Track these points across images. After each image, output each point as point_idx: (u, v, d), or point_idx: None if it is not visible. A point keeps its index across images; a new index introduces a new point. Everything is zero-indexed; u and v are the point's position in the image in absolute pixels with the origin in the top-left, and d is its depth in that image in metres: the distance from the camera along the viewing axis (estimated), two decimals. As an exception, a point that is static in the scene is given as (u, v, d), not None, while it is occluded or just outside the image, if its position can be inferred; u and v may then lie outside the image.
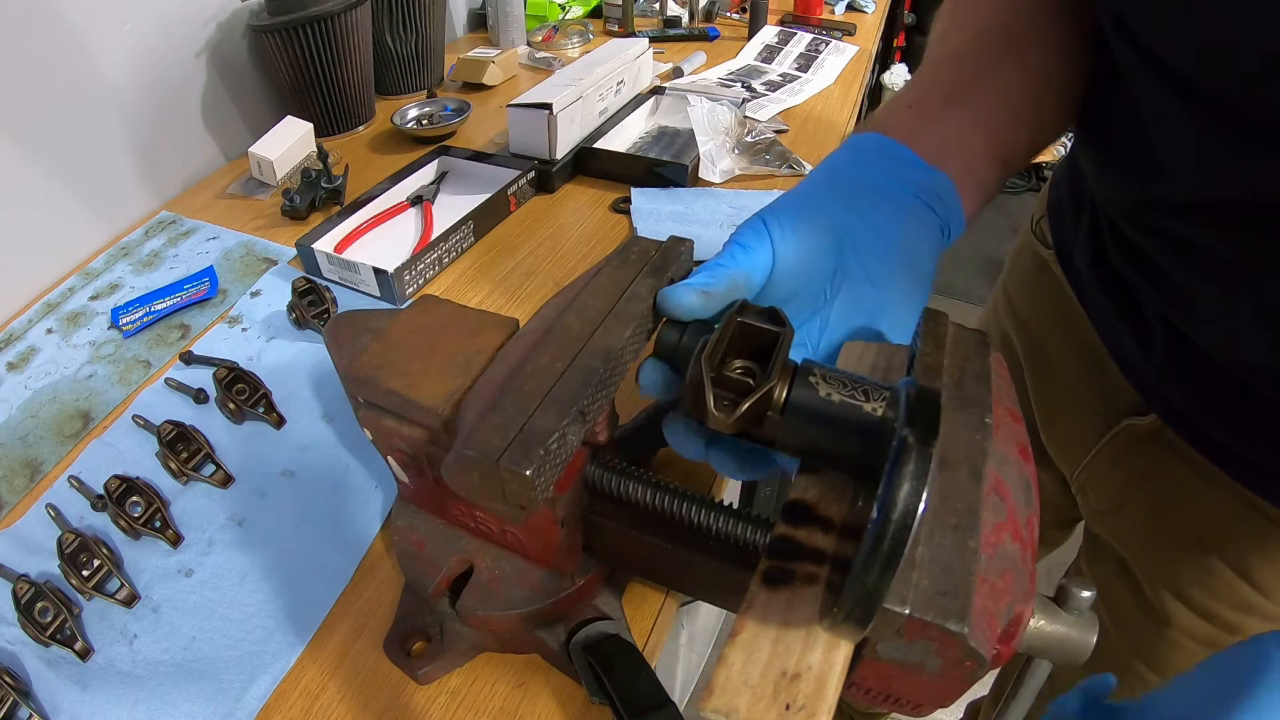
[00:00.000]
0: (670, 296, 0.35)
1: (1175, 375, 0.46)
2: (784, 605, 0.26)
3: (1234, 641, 0.49)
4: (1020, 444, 0.30)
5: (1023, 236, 0.64)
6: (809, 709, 0.24)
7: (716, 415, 0.30)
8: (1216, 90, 0.33)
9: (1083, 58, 0.43)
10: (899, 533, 0.22)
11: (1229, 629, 0.50)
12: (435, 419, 0.36)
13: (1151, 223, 0.42)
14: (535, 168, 0.85)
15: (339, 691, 0.42)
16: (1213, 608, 0.50)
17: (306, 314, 0.66)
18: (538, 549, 0.40)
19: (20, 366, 0.66)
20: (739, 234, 0.36)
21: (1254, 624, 0.49)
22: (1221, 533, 0.48)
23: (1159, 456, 0.50)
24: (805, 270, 0.36)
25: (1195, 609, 0.51)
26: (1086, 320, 0.54)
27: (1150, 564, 0.54)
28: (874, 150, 0.39)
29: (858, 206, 0.37)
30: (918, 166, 0.38)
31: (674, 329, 0.35)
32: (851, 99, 1.09)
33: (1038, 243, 0.61)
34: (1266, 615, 0.49)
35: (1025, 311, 0.63)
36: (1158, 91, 0.36)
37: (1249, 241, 0.36)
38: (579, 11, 1.41)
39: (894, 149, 0.38)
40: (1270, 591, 0.47)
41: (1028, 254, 0.63)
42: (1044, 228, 0.60)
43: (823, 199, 0.37)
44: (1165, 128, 0.37)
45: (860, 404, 0.29)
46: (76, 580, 0.47)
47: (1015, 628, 0.26)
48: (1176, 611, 0.52)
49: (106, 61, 0.79)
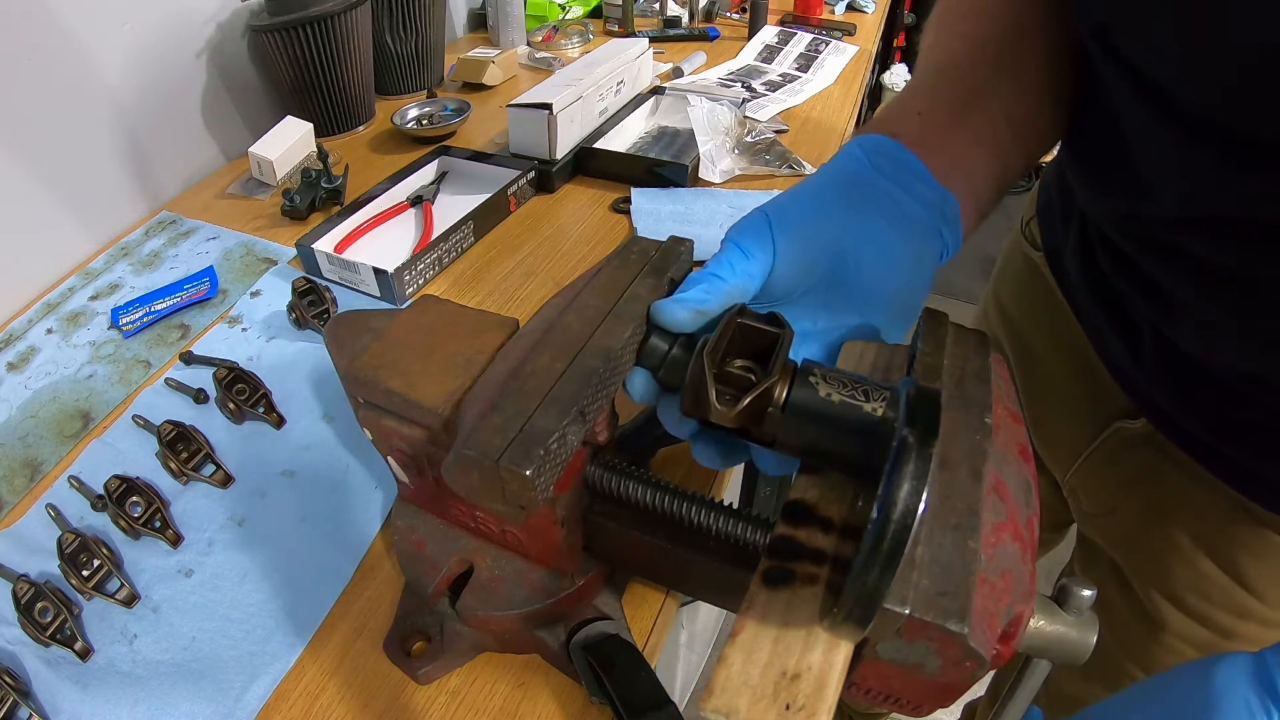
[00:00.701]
0: (665, 312, 0.34)
1: (1164, 379, 0.46)
2: (784, 605, 0.26)
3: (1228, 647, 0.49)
4: (1020, 444, 0.30)
5: (1012, 237, 0.64)
6: (809, 709, 0.24)
7: (719, 409, 0.30)
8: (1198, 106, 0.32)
9: (1071, 70, 0.43)
10: (899, 532, 0.22)
11: (1223, 633, 0.50)
12: (435, 419, 0.36)
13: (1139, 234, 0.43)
14: (535, 168, 0.85)
15: (339, 691, 0.42)
16: (1206, 611, 0.50)
17: (306, 314, 0.66)
18: (538, 549, 0.40)
19: (20, 366, 0.66)
20: (739, 234, 0.35)
21: (1248, 628, 0.49)
22: (1213, 535, 0.48)
23: (1150, 460, 0.50)
24: (805, 279, 0.36)
25: (1189, 613, 0.51)
26: (1076, 324, 0.54)
27: (1142, 567, 0.54)
28: (890, 159, 0.38)
29: (870, 220, 0.36)
30: (930, 184, 0.37)
31: (663, 339, 0.35)
32: (851, 99, 1.09)
33: (1027, 244, 0.61)
34: (1261, 619, 0.48)
35: (1015, 313, 0.63)
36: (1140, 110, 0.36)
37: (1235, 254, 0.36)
38: (579, 11, 1.41)
39: (910, 161, 0.38)
40: (1263, 595, 0.47)
41: (1018, 255, 0.62)
42: (1033, 229, 0.60)
43: (834, 206, 0.36)
44: (1148, 146, 0.37)
45: (860, 404, 0.29)
46: (76, 580, 0.47)
47: (1015, 628, 0.26)
48: (1170, 616, 0.52)
49: (106, 61, 0.79)
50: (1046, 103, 0.42)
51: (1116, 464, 0.53)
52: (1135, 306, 0.46)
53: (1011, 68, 0.41)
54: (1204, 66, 0.32)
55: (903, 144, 0.38)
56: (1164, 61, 0.34)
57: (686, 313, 0.34)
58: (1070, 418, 0.57)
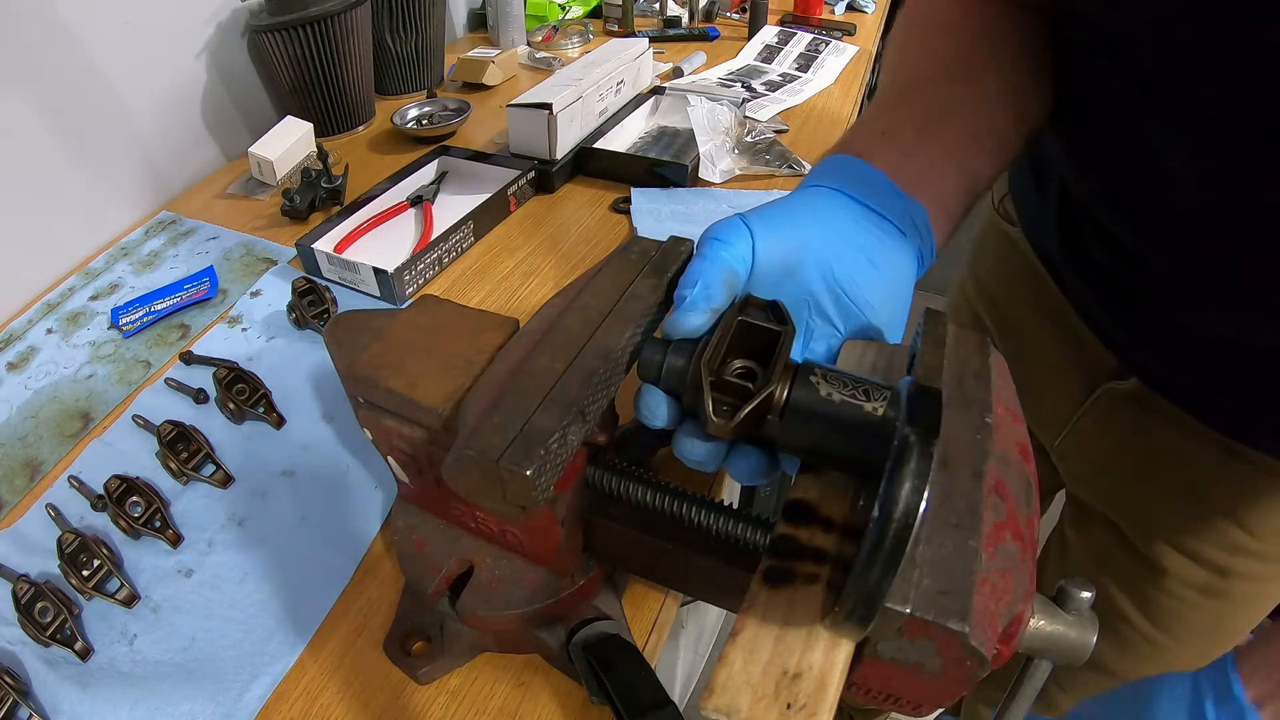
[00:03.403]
0: (679, 325, 0.32)
1: (1154, 343, 0.47)
2: (785, 604, 0.26)
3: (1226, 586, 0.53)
4: (1021, 443, 0.30)
5: (986, 215, 0.65)
6: (810, 708, 0.24)
7: (715, 421, 0.30)
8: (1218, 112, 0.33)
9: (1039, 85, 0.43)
10: (900, 532, 0.22)
11: (1220, 571, 0.52)
12: (435, 419, 0.36)
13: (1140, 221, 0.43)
14: (535, 168, 0.85)
15: (339, 691, 0.42)
16: (1202, 550, 0.52)
17: (306, 314, 0.66)
18: (538, 549, 0.40)
19: (20, 366, 0.66)
20: (715, 230, 0.34)
21: (1244, 564, 0.51)
22: (1207, 482, 0.50)
23: (1140, 416, 0.51)
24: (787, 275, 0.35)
25: (1186, 553, 0.53)
26: (1059, 294, 0.55)
27: (1140, 519, 0.55)
28: (856, 176, 0.38)
29: (845, 231, 0.36)
30: (897, 196, 0.37)
31: (655, 349, 0.33)
32: (851, 99, 1.09)
33: (1003, 220, 0.62)
34: (1256, 554, 0.51)
35: (996, 290, 0.64)
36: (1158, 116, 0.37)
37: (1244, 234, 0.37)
38: (579, 11, 1.41)
39: (875, 177, 0.38)
40: (1257, 531, 0.50)
41: (994, 232, 0.64)
42: (1008, 206, 0.61)
43: (806, 218, 0.36)
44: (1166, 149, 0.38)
45: (861, 404, 0.29)
46: (76, 580, 0.47)
47: (1016, 627, 0.26)
48: (1170, 560, 0.54)
49: (106, 62, 0.79)
50: (1011, 120, 0.42)
51: (1107, 424, 0.55)
52: (1123, 281, 0.47)
53: (978, 86, 0.42)
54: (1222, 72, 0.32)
55: (868, 161, 0.38)
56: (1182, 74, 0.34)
57: (700, 316, 0.32)
58: (1058, 384, 0.58)
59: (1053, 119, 0.46)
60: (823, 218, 0.36)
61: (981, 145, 0.41)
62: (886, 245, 0.36)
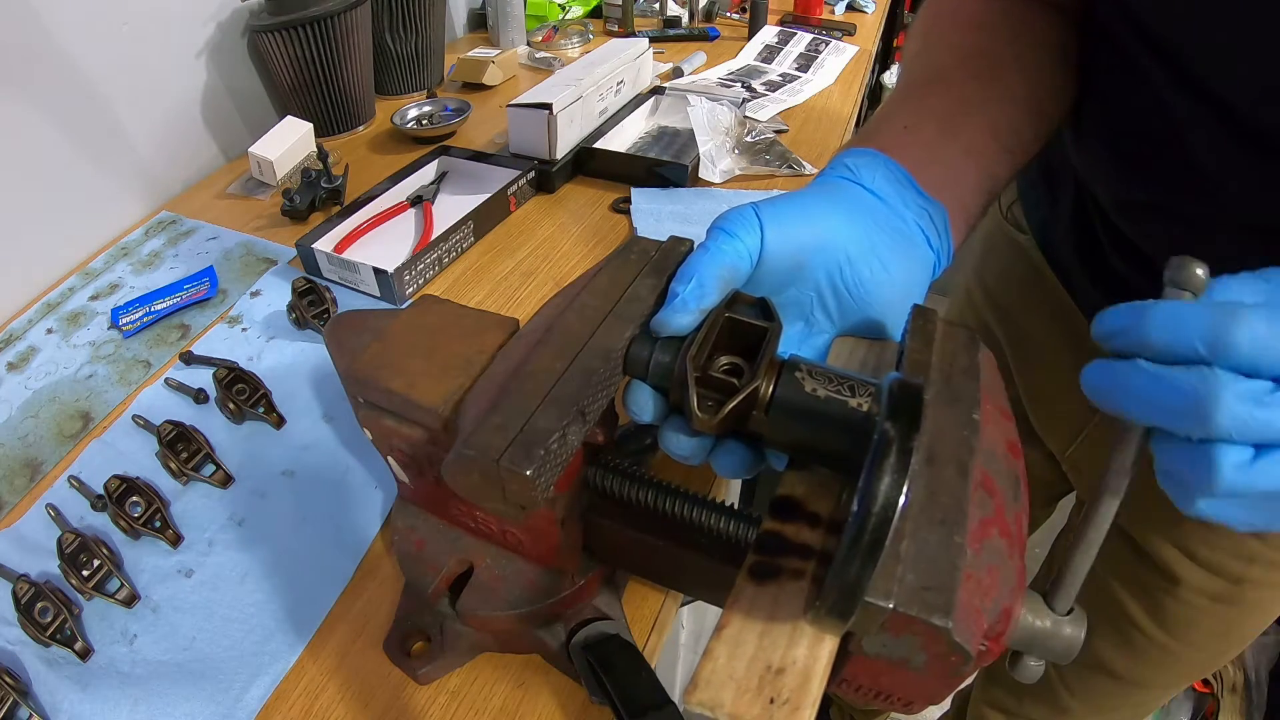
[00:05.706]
0: (667, 324, 0.32)
1: None
2: (770, 600, 0.26)
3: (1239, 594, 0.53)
4: (1009, 440, 0.30)
5: (992, 222, 0.64)
6: (794, 702, 0.24)
7: (700, 416, 0.30)
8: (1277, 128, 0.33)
9: (1062, 84, 0.43)
10: (879, 525, 0.22)
11: (1234, 580, 0.52)
12: (435, 419, 0.36)
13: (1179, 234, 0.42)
14: (535, 168, 0.85)
15: (339, 691, 0.42)
16: (1216, 560, 0.52)
17: (306, 314, 0.66)
18: (538, 549, 0.40)
19: (20, 366, 0.66)
20: (724, 221, 0.34)
21: (1256, 572, 0.51)
22: None
23: None
24: (795, 271, 0.34)
25: (1201, 563, 0.52)
26: (1071, 302, 0.54)
27: (1153, 527, 0.55)
28: (879, 171, 0.37)
29: (861, 230, 0.35)
30: (920, 195, 0.37)
31: (643, 345, 0.33)
32: (852, 99, 1.09)
33: (1011, 228, 0.61)
34: (1268, 562, 0.50)
35: (1005, 299, 0.64)
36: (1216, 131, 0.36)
37: None
38: (579, 11, 1.41)
39: (899, 174, 0.37)
40: (1272, 539, 0.49)
41: (1002, 239, 0.63)
42: (1016, 212, 0.60)
43: (825, 214, 0.35)
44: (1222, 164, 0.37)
45: (846, 399, 0.29)
46: (76, 580, 0.47)
47: (1003, 624, 0.26)
48: (1184, 570, 0.53)
49: (106, 61, 0.79)
50: (1033, 118, 0.42)
51: None
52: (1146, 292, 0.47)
53: (1001, 82, 0.41)
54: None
55: (891, 157, 0.37)
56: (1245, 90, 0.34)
57: (688, 316, 0.32)
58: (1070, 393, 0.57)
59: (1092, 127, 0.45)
60: (839, 214, 0.35)
61: (1002, 144, 0.40)
62: (902, 248, 0.35)
